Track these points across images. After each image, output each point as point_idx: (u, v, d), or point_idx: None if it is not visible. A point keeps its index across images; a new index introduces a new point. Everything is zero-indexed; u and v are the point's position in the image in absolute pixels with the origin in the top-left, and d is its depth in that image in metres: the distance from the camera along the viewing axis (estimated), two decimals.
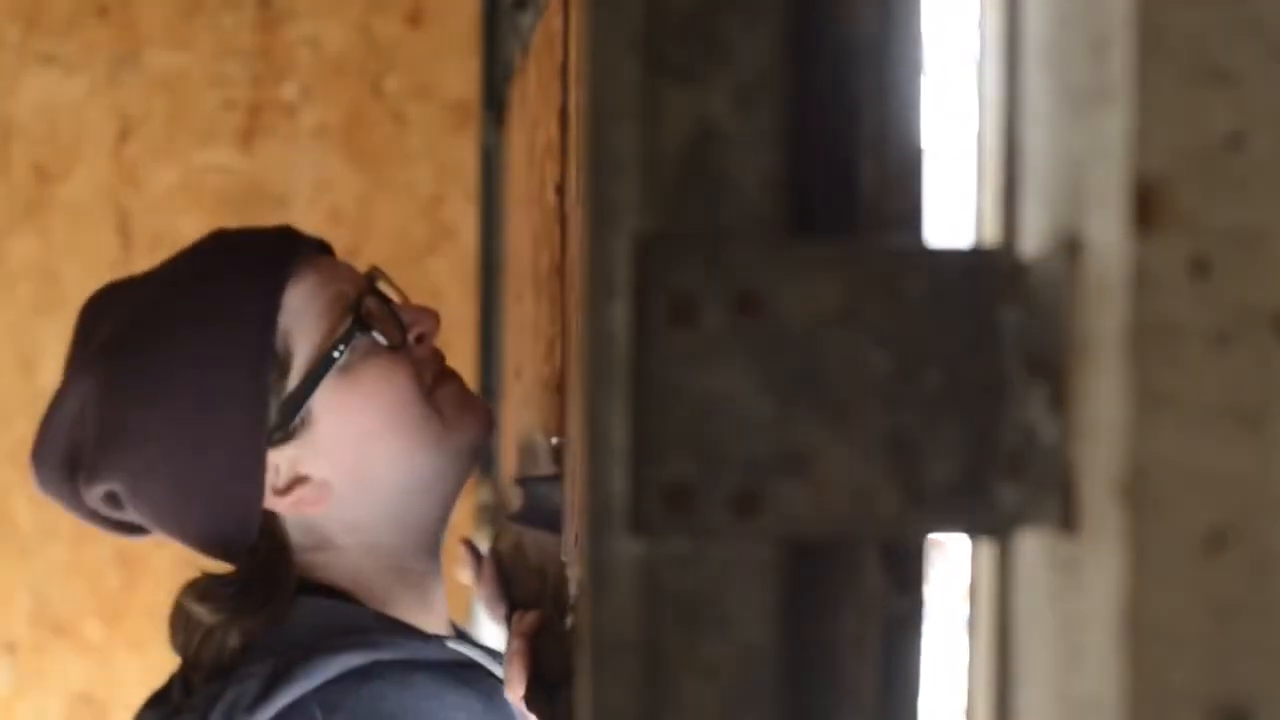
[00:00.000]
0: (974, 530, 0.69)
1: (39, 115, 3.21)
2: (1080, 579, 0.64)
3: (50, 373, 3.19)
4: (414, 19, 3.23)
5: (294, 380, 1.44)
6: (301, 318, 1.45)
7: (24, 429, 3.39)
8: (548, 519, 1.54)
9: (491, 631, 2.21)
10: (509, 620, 1.61)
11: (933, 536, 0.72)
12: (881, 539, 0.72)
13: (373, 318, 1.46)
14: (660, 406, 0.66)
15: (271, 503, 1.46)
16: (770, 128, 0.70)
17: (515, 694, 1.49)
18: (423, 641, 1.46)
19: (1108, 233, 0.62)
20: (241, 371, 1.43)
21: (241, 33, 3.21)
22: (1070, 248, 0.65)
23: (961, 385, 0.67)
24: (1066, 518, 0.64)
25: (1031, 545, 0.68)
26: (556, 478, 1.55)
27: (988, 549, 0.73)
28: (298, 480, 1.46)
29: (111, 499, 1.47)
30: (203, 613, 1.47)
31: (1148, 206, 0.60)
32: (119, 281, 1.54)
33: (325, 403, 1.45)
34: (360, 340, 1.45)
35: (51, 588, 3.15)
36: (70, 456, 1.47)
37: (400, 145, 3.23)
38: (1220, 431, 0.61)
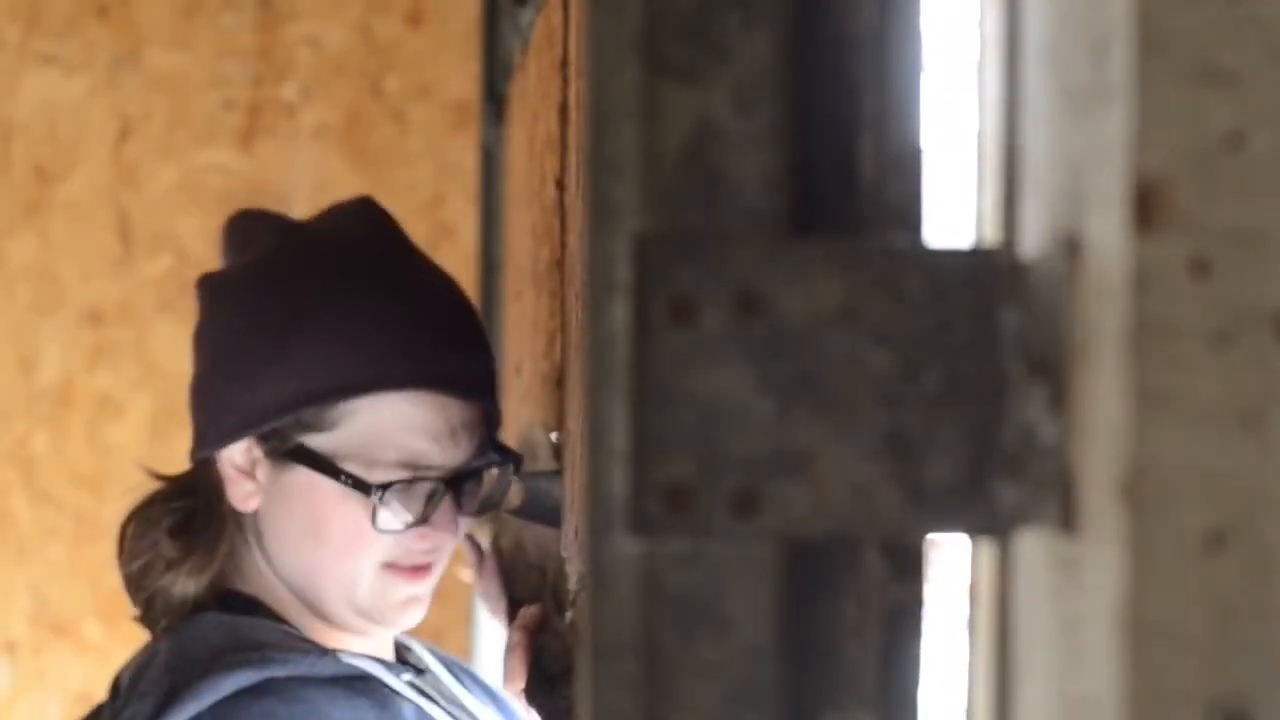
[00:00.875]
0: (974, 530, 0.69)
1: (39, 115, 3.20)
2: (1080, 579, 0.64)
3: (50, 373, 3.19)
4: (414, 19, 3.23)
5: (312, 438, 1.47)
6: (367, 418, 1.47)
7: (24, 429, 3.38)
8: (548, 514, 1.55)
9: (491, 626, 2.20)
10: (510, 615, 1.62)
11: (933, 536, 0.72)
12: (881, 539, 0.72)
13: (399, 500, 1.47)
14: (660, 406, 0.66)
15: (221, 458, 1.50)
16: (770, 127, 0.70)
17: (515, 687, 1.50)
18: (318, 656, 1.48)
19: (1108, 233, 0.62)
20: (290, 385, 1.47)
21: (241, 33, 3.21)
22: (1070, 248, 0.65)
23: (961, 385, 0.67)
24: (1066, 518, 0.64)
25: (1031, 545, 0.68)
26: (556, 473, 1.56)
27: (988, 549, 0.73)
28: (247, 473, 1.50)
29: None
30: (151, 540, 1.52)
31: (1148, 206, 0.60)
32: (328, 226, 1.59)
33: (304, 477, 1.48)
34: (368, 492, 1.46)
35: (51, 588, 3.15)
36: (207, 277, 1.57)
37: (400, 145, 3.22)
38: (1220, 431, 0.61)
